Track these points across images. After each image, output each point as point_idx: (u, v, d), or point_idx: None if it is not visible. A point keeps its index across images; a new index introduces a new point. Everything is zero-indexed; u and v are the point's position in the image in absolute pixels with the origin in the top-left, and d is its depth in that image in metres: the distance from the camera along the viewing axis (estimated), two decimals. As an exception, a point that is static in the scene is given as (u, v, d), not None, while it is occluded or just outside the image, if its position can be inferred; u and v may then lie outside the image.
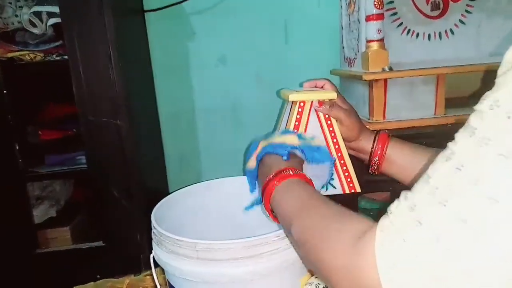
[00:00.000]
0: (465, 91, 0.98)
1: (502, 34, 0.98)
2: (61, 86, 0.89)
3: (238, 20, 1.12)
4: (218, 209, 0.81)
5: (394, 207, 0.31)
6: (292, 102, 0.63)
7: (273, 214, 0.51)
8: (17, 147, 0.83)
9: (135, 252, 0.89)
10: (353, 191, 0.66)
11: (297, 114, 0.62)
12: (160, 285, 0.62)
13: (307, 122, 0.63)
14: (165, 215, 0.70)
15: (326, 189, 0.64)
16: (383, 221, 0.32)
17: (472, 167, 0.27)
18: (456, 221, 0.27)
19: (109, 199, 0.88)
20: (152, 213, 0.67)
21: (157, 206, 0.72)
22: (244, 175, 0.67)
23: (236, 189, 0.83)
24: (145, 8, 1.07)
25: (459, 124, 0.30)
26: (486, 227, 0.26)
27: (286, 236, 0.51)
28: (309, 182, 0.50)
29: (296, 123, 0.62)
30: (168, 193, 0.82)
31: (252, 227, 0.73)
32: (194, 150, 1.21)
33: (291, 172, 0.49)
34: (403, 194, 0.31)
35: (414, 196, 0.30)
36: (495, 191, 0.25)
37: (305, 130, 0.63)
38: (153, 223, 0.63)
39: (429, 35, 0.98)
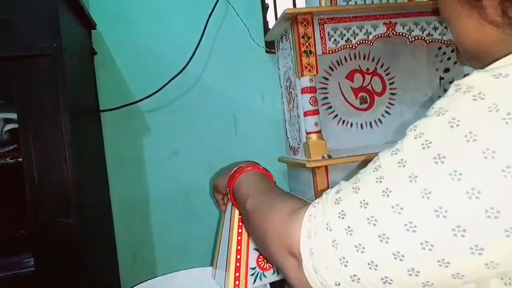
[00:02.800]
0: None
1: (422, 121, 1.13)
2: (11, 189, 0.88)
3: (191, 116, 1.21)
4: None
5: (328, 192, 0.42)
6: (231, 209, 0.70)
7: (236, 201, 0.64)
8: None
9: None
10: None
11: (239, 222, 0.69)
12: None
13: None
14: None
15: (278, 274, 0.66)
16: (317, 200, 0.42)
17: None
18: (364, 219, 0.36)
19: (57, 304, 0.83)
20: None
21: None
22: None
23: (194, 281, 0.83)
24: (101, 108, 1.13)
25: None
26: (389, 230, 0.34)
27: (242, 216, 0.62)
28: (262, 171, 0.65)
29: (239, 230, 0.68)
30: (121, 291, 0.80)
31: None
32: (148, 242, 1.19)
33: (249, 168, 0.65)
34: (338, 185, 0.42)
35: (341, 189, 0.40)
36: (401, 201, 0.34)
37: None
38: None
39: (361, 125, 1.11)
